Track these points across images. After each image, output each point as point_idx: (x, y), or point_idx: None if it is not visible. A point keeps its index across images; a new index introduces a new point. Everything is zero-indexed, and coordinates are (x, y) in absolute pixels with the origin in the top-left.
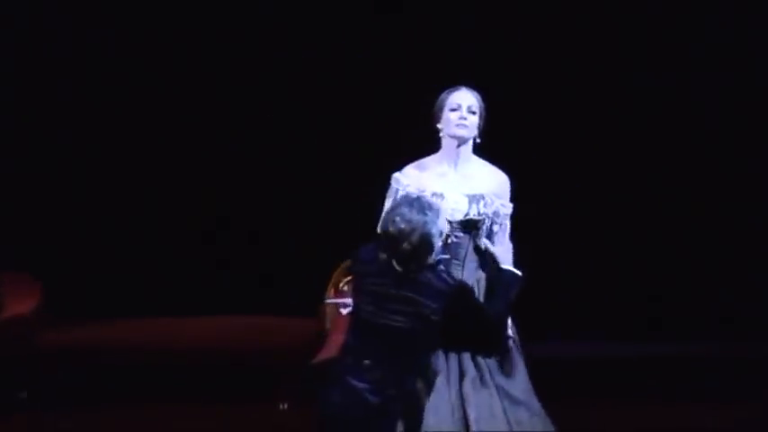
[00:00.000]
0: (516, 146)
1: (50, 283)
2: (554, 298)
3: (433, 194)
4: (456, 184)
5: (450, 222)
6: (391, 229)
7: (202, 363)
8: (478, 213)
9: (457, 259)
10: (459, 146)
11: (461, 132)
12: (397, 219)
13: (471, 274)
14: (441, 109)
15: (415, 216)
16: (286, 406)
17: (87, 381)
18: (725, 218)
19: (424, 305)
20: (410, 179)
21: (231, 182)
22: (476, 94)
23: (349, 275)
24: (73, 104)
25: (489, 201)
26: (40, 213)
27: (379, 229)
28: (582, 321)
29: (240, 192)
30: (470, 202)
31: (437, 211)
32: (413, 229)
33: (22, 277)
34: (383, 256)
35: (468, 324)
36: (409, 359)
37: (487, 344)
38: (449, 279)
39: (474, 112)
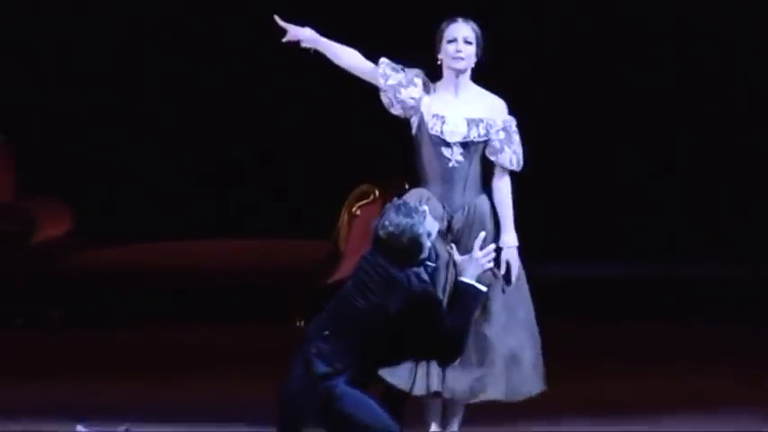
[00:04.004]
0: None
1: (80, 208)
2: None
3: (434, 116)
4: (456, 109)
5: (448, 143)
6: (381, 233)
7: (223, 283)
8: (478, 136)
9: (459, 182)
10: (458, 76)
11: (459, 65)
12: (386, 224)
13: (472, 198)
14: (439, 40)
15: (402, 220)
16: (302, 323)
17: (115, 299)
18: None
19: (386, 297)
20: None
21: (247, 107)
22: (472, 24)
23: (362, 200)
24: (100, 49)
25: (489, 123)
26: (70, 145)
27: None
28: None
29: (256, 117)
30: (469, 126)
31: (423, 214)
32: (402, 232)
33: (53, 203)
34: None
35: (424, 330)
36: (358, 342)
37: (444, 355)
38: (418, 282)
39: (470, 43)
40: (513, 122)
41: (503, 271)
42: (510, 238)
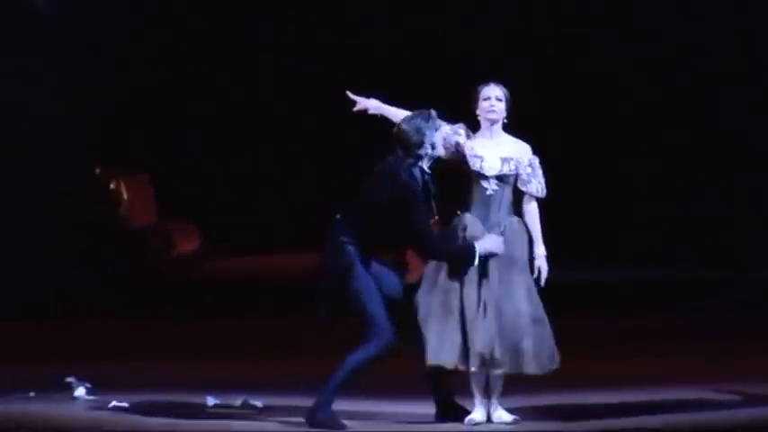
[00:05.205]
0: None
1: (206, 230)
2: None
3: (475, 156)
4: (492, 150)
5: (486, 177)
6: (401, 127)
7: (305, 285)
8: (509, 170)
9: (494, 206)
10: (492, 125)
11: (492, 117)
12: (406, 121)
13: (505, 218)
14: (476, 99)
15: (419, 120)
16: None
17: (234, 298)
18: None
19: (381, 184)
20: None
21: (331, 140)
22: (501, 86)
23: None
24: (217, 98)
25: (518, 161)
26: (198, 179)
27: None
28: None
29: (333, 147)
30: (503, 163)
31: (438, 125)
32: (411, 129)
33: (186, 224)
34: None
35: (402, 219)
36: (359, 220)
37: (420, 250)
38: (408, 175)
39: (501, 100)
40: (536, 160)
41: (535, 275)
42: (540, 249)
